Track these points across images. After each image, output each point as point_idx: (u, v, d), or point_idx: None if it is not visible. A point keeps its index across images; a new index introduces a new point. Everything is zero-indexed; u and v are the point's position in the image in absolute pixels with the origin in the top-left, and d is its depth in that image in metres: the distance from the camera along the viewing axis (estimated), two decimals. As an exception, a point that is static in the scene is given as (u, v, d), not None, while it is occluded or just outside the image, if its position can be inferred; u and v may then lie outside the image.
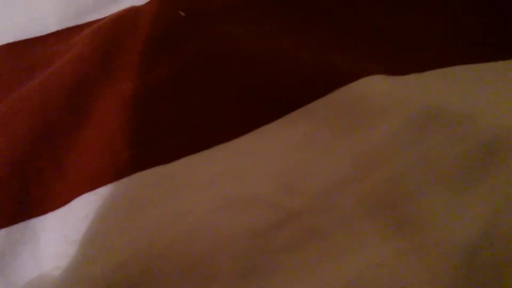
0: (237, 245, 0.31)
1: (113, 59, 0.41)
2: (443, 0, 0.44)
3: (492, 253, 0.30)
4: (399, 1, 0.44)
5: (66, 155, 0.36)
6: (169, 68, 0.40)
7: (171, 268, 0.31)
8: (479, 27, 0.42)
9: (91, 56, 0.40)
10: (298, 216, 0.32)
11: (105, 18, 0.45)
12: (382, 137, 0.34)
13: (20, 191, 0.35)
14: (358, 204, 0.33)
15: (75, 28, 0.45)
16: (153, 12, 0.44)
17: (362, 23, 0.43)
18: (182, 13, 0.43)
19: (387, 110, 0.35)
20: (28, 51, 0.43)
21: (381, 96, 0.36)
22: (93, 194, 0.34)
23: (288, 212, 0.32)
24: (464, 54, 0.39)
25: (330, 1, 0.44)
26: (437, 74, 0.38)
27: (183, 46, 0.41)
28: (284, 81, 0.38)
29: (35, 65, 0.42)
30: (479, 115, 0.34)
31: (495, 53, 0.39)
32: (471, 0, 0.43)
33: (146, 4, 0.45)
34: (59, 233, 0.34)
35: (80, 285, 0.31)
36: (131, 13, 0.44)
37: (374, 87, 0.36)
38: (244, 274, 0.31)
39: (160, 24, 0.43)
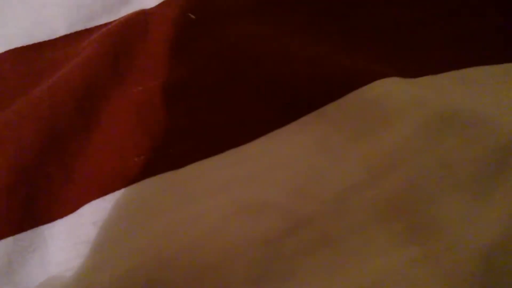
0: (249, 252, 0.31)
1: (122, 63, 0.40)
2: (458, 1, 0.43)
3: (510, 259, 0.29)
4: (413, 3, 0.43)
5: (75, 160, 0.36)
6: (180, 72, 0.39)
7: (181, 276, 0.30)
8: (495, 28, 0.41)
9: (100, 60, 0.40)
10: (311, 222, 0.32)
11: (114, 21, 0.44)
12: (396, 141, 0.34)
13: (28, 197, 0.34)
14: (371, 209, 0.32)
15: (84, 32, 0.44)
16: (163, 16, 0.43)
17: (376, 25, 0.42)
18: (193, 16, 0.43)
19: (401, 113, 0.34)
20: (36, 56, 0.43)
21: (395, 99, 0.35)
22: (102, 201, 0.34)
23: (301, 218, 0.32)
24: (480, 55, 0.39)
25: (342, 3, 0.44)
26: (452, 76, 0.37)
27: (194, 49, 0.40)
28: (296, 84, 0.37)
29: (43, 70, 0.41)
30: (496, 118, 0.33)
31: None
32: (486, 1, 0.43)
33: (156, 7, 0.45)
34: (67, 240, 0.33)
35: None
36: (140, 16, 0.43)
37: (388, 90, 0.36)
38: (256, 282, 0.30)
39: (171, 27, 0.42)
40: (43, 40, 0.44)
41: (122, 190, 0.34)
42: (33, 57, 0.43)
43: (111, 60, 0.40)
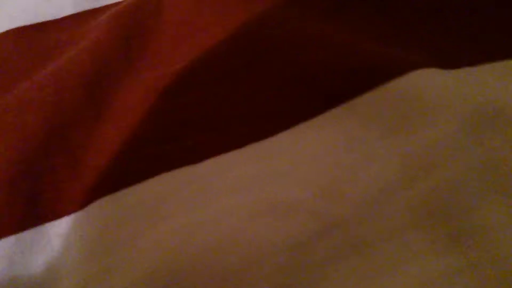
0: (275, 257, 0.28)
1: (134, 47, 0.37)
2: None
3: None
4: None
5: (83, 153, 0.33)
6: (197, 57, 0.36)
7: (200, 284, 0.28)
8: None
9: (111, 43, 0.37)
10: (341, 225, 0.29)
11: (124, 1, 0.41)
12: (435, 139, 0.31)
13: (32, 192, 0.31)
14: (407, 213, 0.29)
15: (92, 11, 0.41)
16: None
17: (410, 12, 0.39)
18: None
19: (441, 108, 0.32)
20: (40, 36, 0.40)
21: (433, 92, 0.33)
22: (112, 198, 0.31)
23: (330, 221, 0.29)
24: None
25: None
26: (492, 68, 0.35)
27: (214, 32, 0.37)
28: (325, 74, 0.35)
29: (48, 52, 0.38)
30: None
31: None
32: None
33: None
34: (74, 240, 0.31)
35: None
36: None
37: (426, 82, 0.33)
38: None
39: (185, 7, 0.39)
40: (48, 19, 0.41)
41: (135, 186, 0.31)
42: (37, 37, 0.40)
43: (123, 44, 0.37)
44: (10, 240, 0.30)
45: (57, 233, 0.31)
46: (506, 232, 0.28)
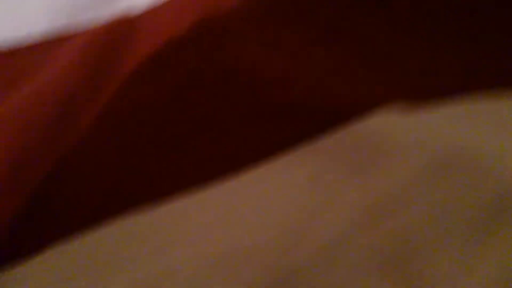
0: None
1: (104, 74, 0.36)
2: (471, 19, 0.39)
3: None
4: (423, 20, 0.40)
5: (40, 194, 0.31)
6: (159, 91, 0.35)
7: None
8: None
9: (80, 72, 0.36)
10: (298, 273, 0.30)
11: (99, 27, 0.40)
12: (396, 183, 0.32)
13: None
14: (366, 258, 0.30)
15: (64, 37, 0.40)
16: (149, 25, 0.40)
17: (381, 44, 0.38)
18: None
19: (403, 151, 0.33)
20: (6, 63, 0.39)
21: (398, 133, 0.33)
22: (65, 246, 0.30)
23: (287, 270, 0.30)
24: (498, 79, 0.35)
25: (347, 18, 0.40)
26: (462, 102, 0.33)
27: (177, 68, 0.36)
28: (290, 112, 0.34)
29: (15, 79, 0.37)
30: (499, 161, 0.32)
31: None
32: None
33: (143, 14, 0.41)
34: None
35: None
36: (124, 26, 0.39)
37: (391, 122, 0.33)
38: None
39: (156, 40, 0.38)
40: (19, 45, 0.40)
41: (87, 235, 0.30)
42: (5, 63, 0.39)
43: (92, 72, 0.36)
44: None
45: (12, 281, 0.29)
46: (453, 278, 0.29)
